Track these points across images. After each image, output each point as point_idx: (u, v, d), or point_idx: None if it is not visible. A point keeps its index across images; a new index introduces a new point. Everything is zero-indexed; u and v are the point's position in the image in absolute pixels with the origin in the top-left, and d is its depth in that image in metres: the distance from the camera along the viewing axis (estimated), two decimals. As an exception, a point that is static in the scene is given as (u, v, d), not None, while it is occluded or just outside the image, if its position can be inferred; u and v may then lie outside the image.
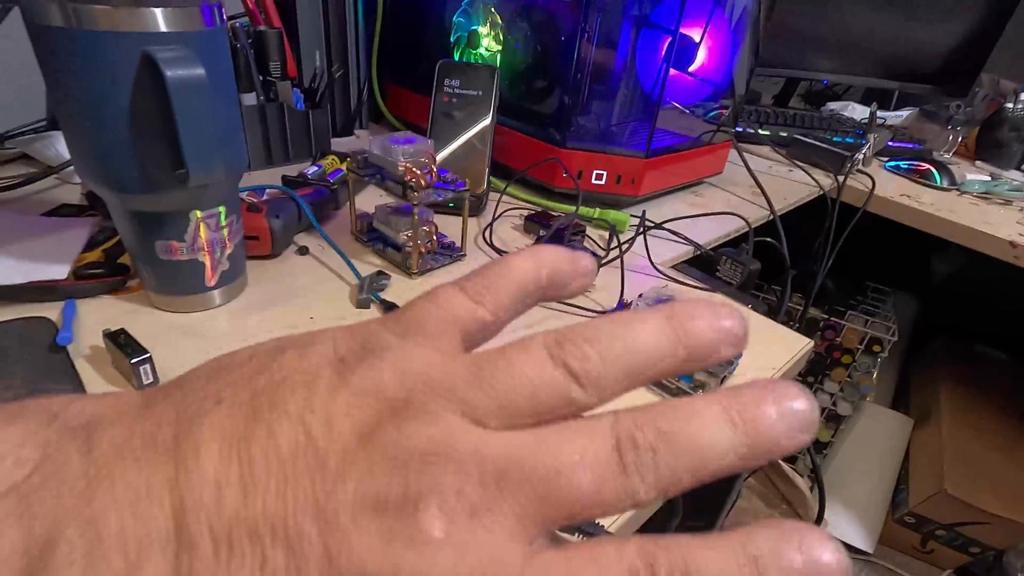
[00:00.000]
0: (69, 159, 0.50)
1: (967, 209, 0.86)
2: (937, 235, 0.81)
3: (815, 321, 1.23)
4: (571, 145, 0.59)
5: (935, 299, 1.49)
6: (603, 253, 0.49)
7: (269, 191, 0.49)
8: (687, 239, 0.56)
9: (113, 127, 0.30)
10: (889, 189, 0.89)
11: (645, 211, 0.55)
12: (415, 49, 0.72)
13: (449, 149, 0.56)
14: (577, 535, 0.24)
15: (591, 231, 0.55)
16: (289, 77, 0.61)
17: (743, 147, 0.74)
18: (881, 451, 1.30)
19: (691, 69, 0.61)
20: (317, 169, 0.56)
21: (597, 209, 0.57)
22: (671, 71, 0.56)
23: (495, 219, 0.55)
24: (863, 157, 0.91)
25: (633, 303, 0.37)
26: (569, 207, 0.56)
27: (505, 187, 0.58)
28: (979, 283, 1.33)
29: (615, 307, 0.40)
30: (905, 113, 1.31)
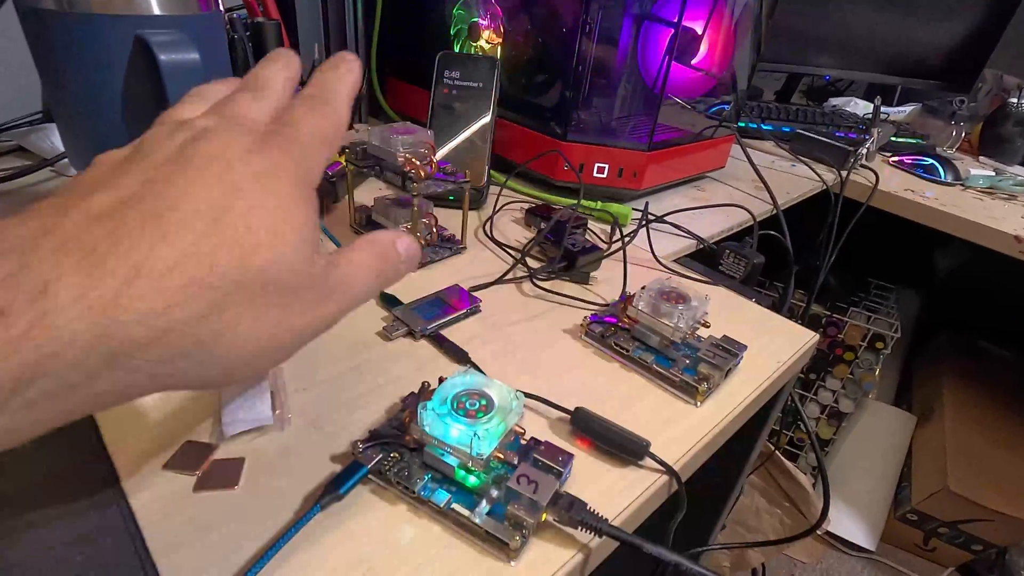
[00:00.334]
0: (64, 151, 0.50)
1: (971, 204, 0.86)
2: (941, 230, 0.81)
3: (817, 317, 1.22)
4: (572, 138, 0.58)
5: (938, 295, 1.48)
6: (605, 246, 0.48)
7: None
8: (690, 232, 0.55)
9: (107, 113, 0.30)
10: (892, 184, 0.89)
11: (648, 203, 0.54)
12: (415, 43, 0.72)
13: (449, 143, 0.55)
14: (580, 528, 0.24)
15: (592, 224, 0.54)
16: (287, 70, 0.61)
17: (745, 142, 0.74)
18: (884, 448, 1.29)
19: (693, 62, 0.60)
20: (316, 162, 0.55)
21: (599, 202, 0.57)
22: (673, 64, 0.56)
23: (495, 212, 0.54)
24: (866, 152, 0.90)
25: (636, 295, 0.37)
26: (570, 200, 0.55)
27: (506, 180, 0.57)
28: (982, 278, 1.33)
29: (618, 300, 0.39)
30: (908, 109, 1.30)
